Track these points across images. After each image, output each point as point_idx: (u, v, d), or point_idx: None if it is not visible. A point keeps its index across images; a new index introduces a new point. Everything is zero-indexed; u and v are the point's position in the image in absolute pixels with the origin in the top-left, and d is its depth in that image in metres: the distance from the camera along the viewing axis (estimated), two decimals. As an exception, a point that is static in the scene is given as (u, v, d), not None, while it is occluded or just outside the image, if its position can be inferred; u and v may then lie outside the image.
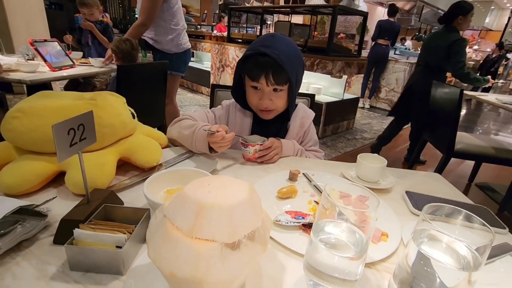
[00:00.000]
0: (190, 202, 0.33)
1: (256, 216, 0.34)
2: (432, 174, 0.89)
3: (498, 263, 0.51)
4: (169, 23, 2.11)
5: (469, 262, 0.33)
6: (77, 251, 0.40)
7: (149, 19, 1.98)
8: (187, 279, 0.30)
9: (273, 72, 0.82)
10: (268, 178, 0.73)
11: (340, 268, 0.39)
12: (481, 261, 0.32)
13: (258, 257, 0.34)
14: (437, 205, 0.38)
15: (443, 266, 0.34)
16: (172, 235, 0.32)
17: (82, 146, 0.48)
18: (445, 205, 0.38)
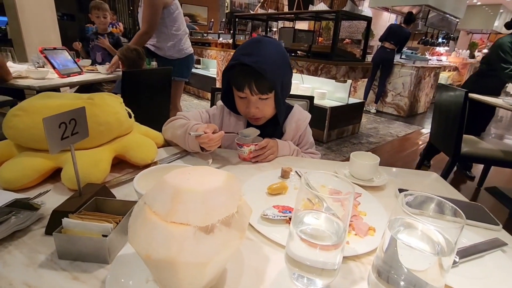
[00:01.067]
0: (168, 187, 0.34)
1: (232, 202, 0.35)
2: (429, 173, 0.88)
3: (487, 258, 0.50)
4: (170, 29, 2.15)
5: (443, 248, 0.33)
6: (64, 239, 0.42)
7: (151, 26, 2.03)
8: (161, 260, 0.31)
9: (256, 82, 0.81)
10: (260, 175, 0.74)
11: (318, 258, 0.39)
12: (453, 247, 0.32)
13: (235, 243, 0.35)
14: (414, 194, 0.38)
15: (414, 251, 0.34)
16: (149, 220, 0.33)
17: (74, 140, 0.50)
18: (422, 193, 0.38)
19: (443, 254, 0.33)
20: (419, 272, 0.34)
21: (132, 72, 1.96)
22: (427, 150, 2.77)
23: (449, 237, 0.33)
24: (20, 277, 0.40)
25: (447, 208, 0.35)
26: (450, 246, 0.33)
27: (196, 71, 6.11)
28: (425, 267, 0.33)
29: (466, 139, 2.41)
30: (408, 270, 0.34)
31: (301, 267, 0.41)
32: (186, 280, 0.33)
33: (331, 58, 3.32)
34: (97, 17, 2.96)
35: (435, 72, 5.96)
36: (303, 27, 6.67)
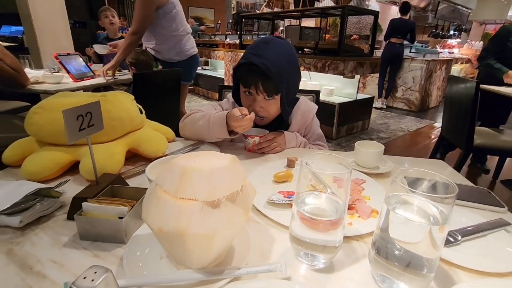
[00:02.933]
0: (176, 168, 0.37)
1: (236, 181, 0.38)
2: (436, 161, 0.88)
3: (490, 237, 0.51)
4: (167, 30, 2.06)
5: (438, 220, 0.35)
6: (85, 221, 0.46)
7: (141, 27, 1.94)
8: (171, 232, 0.34)
9: (263, 82, 0.83)
10: (267, 165, 0.76)
11: (319, 236, 0.41)
12: (447, 217, 0.34)
13: (239, 219, 0.38)
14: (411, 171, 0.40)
15: (409, 223, 0.35)
16: (160, 197, 0.36)
17: (90, 131, 0.53)
18: (419, 170, 0.39)
19: (437, 224, 0.35)
20: (415, 245, 0.36)
21: (143, 74, 2.02)
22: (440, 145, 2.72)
23: (443, 208, 0.35)
24: (46, 255, 0.43)
25: (440, 183, 0.37)
26: (444, 217, 0.34)
27: (204, 72, 6.19)
28: (420, 239, 0.35)
29: (479, 131, 2.36)
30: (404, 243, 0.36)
31: (304, 245, 0.43)
32: (196, 252, 0.35)
33: (338, 54, 3.30)
34: (105, 17, 3.04)
35: (446, 65, 5.83)
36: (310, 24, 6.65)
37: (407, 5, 4.80)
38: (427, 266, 0.37)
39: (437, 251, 0.36)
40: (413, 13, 8.71)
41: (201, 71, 6.28)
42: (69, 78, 2.21)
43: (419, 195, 0.35)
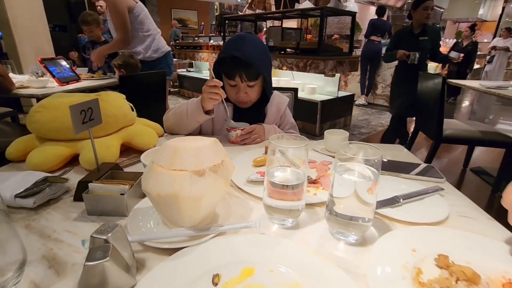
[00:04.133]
0: (169, 148, 0.46)
1: (217, 156, 0.48)
2: (397, 146, 1.01)
3: (427, 199, 0.63)
4: (139, 31, 2.22)
5: (371, 177, 0.46)
6: (91, 198, 0.54)
7: (126, 32, 2.12)
8: (167, 196, 0.43)
9: (245, 71, 0.97)
10: (247, 153, 0.87)
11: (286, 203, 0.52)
12: (377, 173, 0.45)
13: (222, 187, 0.48)
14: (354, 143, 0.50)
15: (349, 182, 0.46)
16: (157, 171, 0.45)
17: (92, 124, 0.62)
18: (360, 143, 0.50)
19: (369, 179, 0.46)
20: (353, 201, 0.47)
21: (130, 77, 2.08)
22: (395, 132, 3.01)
23: (375, 169, 0.46)
24: (60, 227, 0.52)
25: (373, 148, 0.48)
26: (375, 175, 0.45)
27: (189, 74, 6.23)
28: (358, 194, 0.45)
29: (448, 122, 2.55)
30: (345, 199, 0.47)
31: (274, 211, 0.53)
32: (187, 212, 0.45)
33: (318, 53, 3.45)
34: (84, 30, 3.08)
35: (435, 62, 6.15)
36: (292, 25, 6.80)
37: (383, 8, 5.12)
38: (365, 217, 0.48)
39: (372, 204, 0.47)
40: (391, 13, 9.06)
41: (186, 73, 6.31)
42: (54, 82, 2.24)
43: (351, 158, 0.46)
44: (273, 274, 0.41)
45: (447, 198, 0.65)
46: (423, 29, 2.64)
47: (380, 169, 0.45)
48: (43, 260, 0.44)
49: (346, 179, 0.47)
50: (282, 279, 0.40)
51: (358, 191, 0.46)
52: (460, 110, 5.67)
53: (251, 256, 0.44)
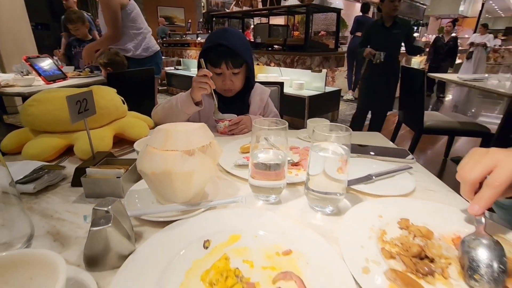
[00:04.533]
0: (161, 131, 0.51)
1: (205, 138, 0.53)
2: (374, 133, 1.08)
3: (397, 176, 0.70)
4: (131, 29, 2.23)
5: (342, 153, 0.52)
6: (90, 182, 0.58)
7: (116, 28, 2.12)
8: (161, 173, 0.48)
9: (231, 59, 1.03)
10: (235, 141, 0.92)
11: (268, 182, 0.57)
12: (348, 150, 0.51)
13: (210, 166, 0.53)
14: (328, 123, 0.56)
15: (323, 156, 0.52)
16: (151, 152, 0.50)
17: (87, 114, 0.66)
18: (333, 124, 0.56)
19: (340, 155, 0.52)
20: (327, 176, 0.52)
21: (118, 74, 2.09)
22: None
23: (346, 147, 0.52)
24: (61, 208, 0.56)
25: (344, 128, 0.54)
26: (346, 152, 0.51)
27: (178, 72, 6.20)
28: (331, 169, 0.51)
29: (428, 114, 2.66)
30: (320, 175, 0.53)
31: (259, 189, 0.59)
32: (179, 188, 0.50)
33: (305, 49, 3.52)
34: (70, 29, 3.04)
35: (406, 57, 6.29)
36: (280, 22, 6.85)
37: (367, 5, 5.23)
38: (339, 188, 0.54)
39: (344, 180, 0.53)
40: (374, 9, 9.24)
41: (174, 71, 6.28)
42: (41, 80, 2.22)
43: (325, 137, 0.52)
44: (257, 239, 0.47)
45: (415, 175, 0.72)
46: (394, 22, 2.65)
47: (350, 146, 0.51)
48: (48, 235, 0.49)
49: (320, 156, 0.53)
50: (265, 242, 0.46)
51: (331, 167, 0.52)
52: (444, 105, 5.86)
53: (238, 226, 0.49)
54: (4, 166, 0.43)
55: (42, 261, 0.34)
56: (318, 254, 0.43)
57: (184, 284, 0.38)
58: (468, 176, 0.44)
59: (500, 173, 0.41)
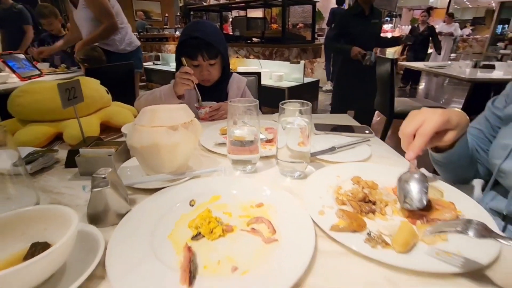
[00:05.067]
0: (148, 111, 0.59)
1: (188, 116, 0.61)
2: (344, 115, 1.19)
3: (357, 147, 0.81)
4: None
5: (305, 124, 0.61)
6: (83, 160, 0.65)
7: (112, 17, 2.09)
8: (150, 146, 0.56)
9: (206, 50, 1.10)
10: (215, 125, 1.00)
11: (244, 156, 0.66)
12: (309, 122, 0.60)
13: (192, 140, 0.61)
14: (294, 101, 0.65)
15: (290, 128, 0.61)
16: (139, 129, 0.57)
17: (76, 101, 0.71)
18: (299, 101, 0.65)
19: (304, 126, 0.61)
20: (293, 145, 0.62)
21: (97, 69, 2.09)
22: None
23: (307, 118, 0.61)
24: (58, 185, 0.62)
25: (305, 103, 0.63)
26: (308, 123, 0.61)
27: (156, 67, 6.12)
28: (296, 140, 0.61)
29: (399, 100, 2.84)
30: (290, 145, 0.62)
31: (237, 162, 0.68)
32: (166, 158, 0.58)
33: (283, 42, 3.61)
34: (43, 24, 2.97)
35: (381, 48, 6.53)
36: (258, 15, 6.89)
37: None
38: (303, 157, 0.63)
39: (308, 147, 0.63)
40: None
41: (153, 66, 6.20)
42: (16, 77, 2.18)
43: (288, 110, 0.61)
44: (234, 197, 0.56)
45: (373, 147, 0.83)
46: (372, 10, 2.32)
47: (310, 119, 0.61)
48: (50, 205, 0.55)
49: (286, 128, 0.62)
50: (241, 199, 0.55)
51: (295, 138, 0.62)
52: (418, 94, 6.15)
53: (218, 189, 0.58)
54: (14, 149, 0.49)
55: (55, 214, 0.41)
56: (285, 205, 0.53)
57: (174, 231, 0.46)
58: (405, 131, 0.55)
59: (427, 125, 0.52)
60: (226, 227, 0.46)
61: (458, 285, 0.38)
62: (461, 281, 0.38)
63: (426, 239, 0.43)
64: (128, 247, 0.42)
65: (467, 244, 0.41)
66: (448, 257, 0.40)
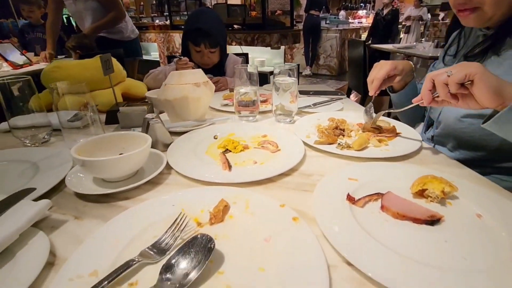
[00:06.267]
0: (176, 74, 0.78)
1: (204, 78, 0.81)
2: (321, 85, 1.42)
3: (332, 104, 1.04)
4: None
5: (292, 81, 0.83)
6: (124, 115, 0.83)
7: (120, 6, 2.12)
8: (180, 98, 0.75)
9: (209, 41, 1.30)
10: (218, 94, 1.19)
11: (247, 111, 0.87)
12: (295, 81, 0.82)
13: (209, 94, 0.81)
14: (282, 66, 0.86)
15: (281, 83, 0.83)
16: (170, 87, 0.77)
17: (110, 71, 0.89)
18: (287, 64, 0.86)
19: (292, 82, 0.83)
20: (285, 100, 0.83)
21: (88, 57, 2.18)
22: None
23: (294, 77, 0.83)
24: (107, 134, 0.81)
25: (292, 65, 0.84)
26: (295, 81, 0.82)
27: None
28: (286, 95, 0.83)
29: (371, 79, 3.12)
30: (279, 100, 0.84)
31: (242, 115, 0.89)
32: (193, 108, 0.78)
33: (264, 28, 3.78)
34: (23, 10, 2.96)
35: (356, 33, 6.82)
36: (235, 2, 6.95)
37: None
38: (293, 110, 0.85)
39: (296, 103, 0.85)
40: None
41: (133, 55, 6.14)
42: (8, 66, 2.24)
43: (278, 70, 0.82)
44: (245, 133, 0.77)
45: (345, 105, 1.07)
46: None
47: (297, 77, 0.83)
48: (108, 144, 0.74)
49: (278, 82, 0.83)
50: (251, 133, 0.76)
51: (286, 94, 0.83)
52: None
53: (232, 129, 0.79)
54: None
55: (132, 137, 0.61)
56: (282, 134, 0.75)
57: (208, 151, 0.67)
58: (368, 79, 0.78)
59: (380, 71, 0.75)
60: (244, 146, 0.68)
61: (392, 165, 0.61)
62: (394, 163, 0.62)
63: (374, 143, 0.66)
64: (182, 156, 0.62)
65: (399, 144, 0.66)
66: (387, 152, 0.64)
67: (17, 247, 0.38)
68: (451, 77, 0.50)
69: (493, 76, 0.49)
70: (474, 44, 0.73)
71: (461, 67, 0.50)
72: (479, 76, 0.48)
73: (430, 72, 0.57)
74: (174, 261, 0.34)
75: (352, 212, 0.44)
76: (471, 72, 0.49)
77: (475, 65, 0.50)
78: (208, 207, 0.45)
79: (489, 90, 0.48)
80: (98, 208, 0.49)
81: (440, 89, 0.53)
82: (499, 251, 0.37)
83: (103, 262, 0.35)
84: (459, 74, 0.49)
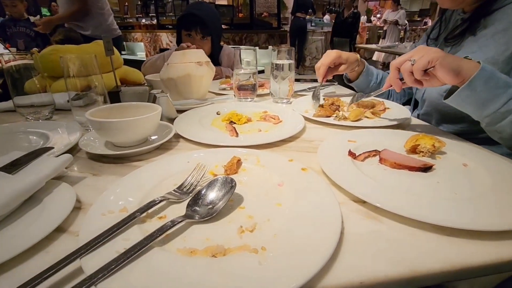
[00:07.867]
0: (179, 52, 0.81)
1: (206, 58, 0.84)
2: (312, 76, 1.48)
3: (326, 89, 1.09)
4: (93, 7, 2.18)
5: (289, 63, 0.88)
6: (126, 94, 0.85)
7: (85, 3, 2.08)
8: (183, 76, 0.78)
9: (200, 27, 1.32)
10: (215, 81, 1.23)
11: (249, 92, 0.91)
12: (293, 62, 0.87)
13: (210, 73, 0.84)
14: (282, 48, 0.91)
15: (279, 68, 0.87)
16: (173, 65, 0.79)
17: (110, 53, 0.90)
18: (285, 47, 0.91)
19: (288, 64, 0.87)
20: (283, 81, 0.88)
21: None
22: None
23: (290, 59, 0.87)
24: (109, 112, 0.82)
25: (290, 48, 0.89)
26: (292, 63, 0.87)
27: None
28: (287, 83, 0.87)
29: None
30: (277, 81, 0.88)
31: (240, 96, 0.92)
32: (195, 86, 0.81)
33: (251, 27, 3.85)
34: (5, 5, 2.88)
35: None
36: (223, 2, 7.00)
37: None
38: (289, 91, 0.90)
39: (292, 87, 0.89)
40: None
41: (119, 55, 6.05)
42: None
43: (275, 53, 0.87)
44: (247, 110, 0.80)
45: (337, 90, 1.12)
46: None
47: (293, 58, 0.87)
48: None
49: (276, 64, 0.88)
50: (251, 109, 0.80)
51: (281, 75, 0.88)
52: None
53: (233, 107, 0.82)
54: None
55: (143, 107, 0.63)
56: (282, 110, 0.79)
57: (214, 122, 0.70)
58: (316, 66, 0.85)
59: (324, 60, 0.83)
60: (247, 118, 0.71)
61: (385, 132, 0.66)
62: (387, 130, 0.67)
63: (368, 115, 0.72)
64: (189, 126, 0.65)
65: (390, 115, 0.71)
66: (380, 121, 0.69)
67: (43, 194, 0.40)
68: (416, 65, 0.54)
69: (452, 57, 0.53)
70: (453, 27, 0.80)
71: (421, 53, 0.54)
72: (440, 61, 0.52)
73: (393, 61, 0.60)
74: (201, 195, 0.37)
75: (354, 164, 0.48)
76: (433, 58, 0.52)
77: (434, 50, 0.54)
78: (221, 163, 0.48)
79: (450, 72, 0.52)
80: (113, 167, 0.51)
81: (407, 77, 0.58)
82: (482, 186, 0.42)
83: (131, 201, 0.38)
84: (422, 61, 0.53)
